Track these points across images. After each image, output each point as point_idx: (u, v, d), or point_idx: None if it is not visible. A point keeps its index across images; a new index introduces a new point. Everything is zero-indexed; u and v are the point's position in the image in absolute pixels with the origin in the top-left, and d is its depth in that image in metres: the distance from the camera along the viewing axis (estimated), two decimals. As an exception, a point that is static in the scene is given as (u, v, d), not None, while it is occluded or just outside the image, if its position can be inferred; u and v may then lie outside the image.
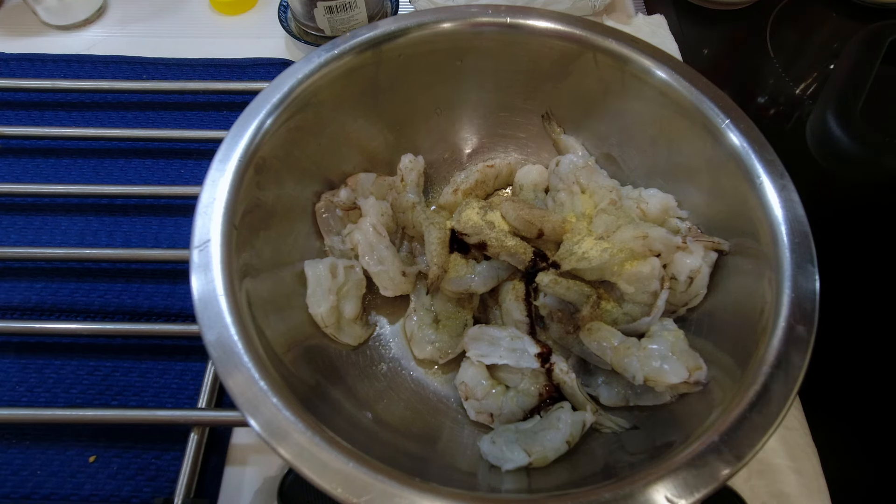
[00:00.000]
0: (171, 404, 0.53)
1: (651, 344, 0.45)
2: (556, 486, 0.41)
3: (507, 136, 0.63)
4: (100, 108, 0.73)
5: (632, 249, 0.48)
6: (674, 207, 0.53)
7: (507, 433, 0.46)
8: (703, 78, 0.51)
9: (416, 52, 0.55)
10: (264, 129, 0.47)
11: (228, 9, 0.82)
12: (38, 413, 0.49)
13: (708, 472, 0.35)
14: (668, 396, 0.45)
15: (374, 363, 0.53)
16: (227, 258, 0.42)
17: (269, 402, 0.36)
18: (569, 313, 0.51)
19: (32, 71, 0.74)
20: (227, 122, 0.48)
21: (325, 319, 0.49)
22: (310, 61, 0.51)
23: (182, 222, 0.64)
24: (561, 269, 0.49)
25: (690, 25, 0.82)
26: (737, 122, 0.48)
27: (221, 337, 0.38)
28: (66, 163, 0.68)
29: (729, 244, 0.49)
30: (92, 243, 0.62)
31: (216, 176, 0.45)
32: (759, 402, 0.37)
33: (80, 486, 0.49)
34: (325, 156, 0.55)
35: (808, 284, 0.41)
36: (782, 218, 0.43)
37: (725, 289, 0.48)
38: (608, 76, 0.55)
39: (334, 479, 0.34)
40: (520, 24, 0.55)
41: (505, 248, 0.50)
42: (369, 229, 0.52)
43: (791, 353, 0.38)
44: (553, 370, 0.48)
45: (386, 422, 0.47)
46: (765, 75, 0.78)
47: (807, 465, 0.50)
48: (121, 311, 0.58)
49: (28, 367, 0.55)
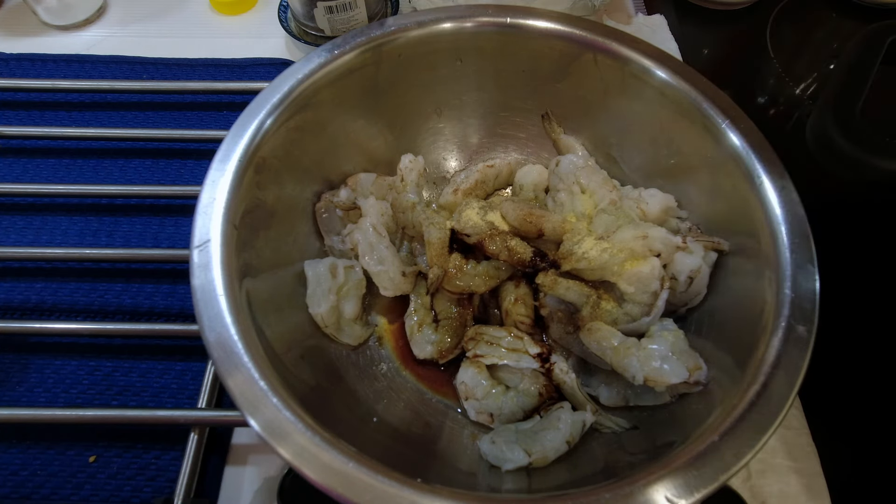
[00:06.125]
0: (171, 404, 0.53)
1: (651, 344, 0.45)
2: (556, 486, 0.41)
3: (507, 136, 0.63)
4: (100, 108, 0.73)
5: (632, 249, 0.48)
6: (674, 207, 0.53)
7: (507, 433, 0.46)
8: (703, 78, 0.51)
9: (416, 52, 0.55)
10: (264, 129, 0.47)
11: (228, 9, 0.82)
12: (38, 413, 0.49)
13: (708, 472, 0.35)
14: (668, 396, 0.45)
15: (374, 363, 0.53)
16: (227, 258, 0.42)
17: (269, 402, 0.36)
18: (569, 313, 0.51)
19: (32, 71, 0.74)
20: (227, 122, 0.48)
21: (325, 319, 0.49)
22: (310, 61, 0.51)
23: (182, 222, 0.64)
24: (561, 269, 0.49)
25: (690, 25, 0.82)
26: (737, 122, 0.48)
27: (221, 337, 0.38)
28: (66, 163, 0.68)
29: (729, 244, 0.49)
30: (92, 243, 0.62)
31: (216, 176, 0.45)
32: (759, 402, 0.37)
33: (80, 486, 0.49)
34: (325, 156, 0.55)
35: (808, 284, 0.41)
36: (782, 218, 0.43)
37: (725, 289, 0.48)
38: (608, 76, 0.55)
39: (334, 479, 0.34)
40: (520, 25, 0.55)
41: (505, 247, 0.50)
42: (369, 229, 0.52)
43: (791, 353, 0.38)
44: (553, 370, 0.48)
45: (386, 422, 0.47)
46: (765, 75, 0.78)
47: (807, 465, 0.50)
48: (121, 311, 0.58)
49: (28, 367, 0.55)
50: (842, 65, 0.73)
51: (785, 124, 0.74)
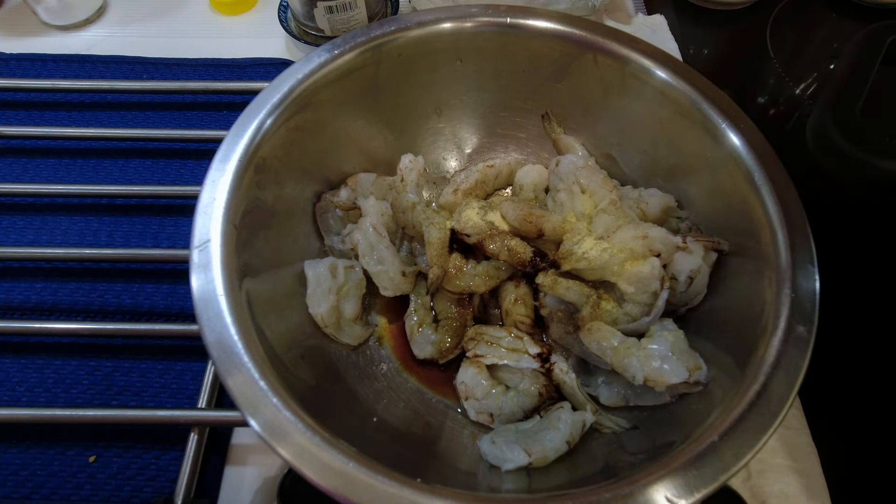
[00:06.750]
0: (171, 404, 0.53)
1: (651, 344, 0.45)
2: (556, 486, 0.41)
3: (507, 136, 0.63)
4: (100, 108, 0.73)
5: (632, 249, 0.48)
6: (674, 207, 0.53)
7: (507, 433, 0.46)
8: (703, 78, 0.51)
9: (416, 52, 0.55)
10: (264, 129, 0.47)
11: (228, 9, 0.82)
12: (38, 413, 0.49)
13: (708, 472, 0.35)
14: (668, 396, 0.45)
15: (374, 363, 0.53)
16: (227, 258, 0.42)
17: (269, 402, 0.36)
18: (569, 313, 0.51)
19: (32, 71, 0.74)
20: (227, 122, 0.48)
21: (325, 319, 0.49)
22: (310, 61, 0.51)
23: (182, 222, 0.64)
24: (561, 269, 0.49)
25: (690, 25, 0.82)
26: (737, 122, 0.48)
27: (221, 337, 0.38)
28: (66, 163, 0.68)
29: (729, 244, 0.49)
30: (92, 243, 0.62)
31: (216, 176, 0.45)
32: (759, 402, 0.37)
33: (80, 486, 0.49)
34: (325, 156, 0.55)
35: (808, 284, 0.41)
36: (782, 218, 0.43)
37: (725, 289, 0.48)
38: (608, 76, 0.55)
39: (334, 479, 0.34)
40: (520, 24, 0.55)
41: (505, 247, 0.51)
42: (369, 229, 0.52)
43: (791, 353, 0.38)
44: (553, 370, 0.48)
45: (386, 422, 0.47)
46: (765, 75, 0.78)
47: (807, 465, 0.50)
48: (121, 311, 0.58)
49: (28, 367, 0.55)
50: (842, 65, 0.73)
51: (785, 124, 0.74)
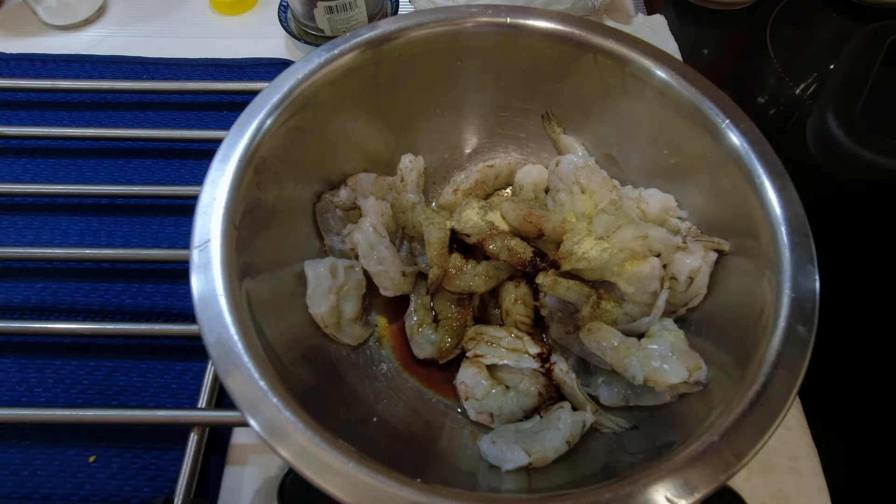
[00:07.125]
0: (171, 404, 0.53)
1: (651, 344, 0.45)
2: (556, 486, 0.41)
3: (507, 136, 0.63)
4: (100, 108, 0.73)
5: (632, 249, 0.48)
6: (674, 207, 0.53)
7: (507, 433, 0.46)
8: (703, 78, 0.51)
9: (415, 52, 0.55)
10: (264, 129, 0.47)
11: (228, 9, 0.82)
12: (38, 413, 0.49)
13: (708, 472, 0.35)
14: (668, 396, 0.45)
15: (374, 363, 0.53)
16: (227, 258, 0.42)
17: (269, 402, 0.36)
18: (569, 313, 0.51)
19: (32, 71, 0.74)
20: (227, 122, 0.48)
21: (325, 319, 0.49)
22: (310, 61, 0.51)
23: (182, 222, 0.64)
24: (561, 269, 0.49)
25: (690, 25, 0.82)
26: (737, 122, 0.48)
27: (221, 337, 0.38)
28: (66, 163, 0.68)
29: (729, 244, 0.49)
30: (92, 243, 0.62)
31: (216, 176, 0.45)
32: (759, 402, 0.37)
33: (81, 486, 0.49)
34: (325, 156, 0.55)
35: (808, 284, 0.41)
36: (782, 218, 0.43)
37: (725, 289, 0.48)
38: (608, 76, 0.55)
39: (334, 479, 0.34)
40: (520, 24, 0.55)
41: (505, 247, 0.50)
42: (369, 229, 0.52)
43: (791, 353, 0.38)
44: (553, 370, 0.48)
45: (386, 422, 0.47)
46: (765, 75, 0.78)
47: (807, 465, 0.50)
48: (121, 311, 0.58)
49: (28, 367, 0.55)
50: (842, 65, 0.73)
51: (785, 124, 0.74)
